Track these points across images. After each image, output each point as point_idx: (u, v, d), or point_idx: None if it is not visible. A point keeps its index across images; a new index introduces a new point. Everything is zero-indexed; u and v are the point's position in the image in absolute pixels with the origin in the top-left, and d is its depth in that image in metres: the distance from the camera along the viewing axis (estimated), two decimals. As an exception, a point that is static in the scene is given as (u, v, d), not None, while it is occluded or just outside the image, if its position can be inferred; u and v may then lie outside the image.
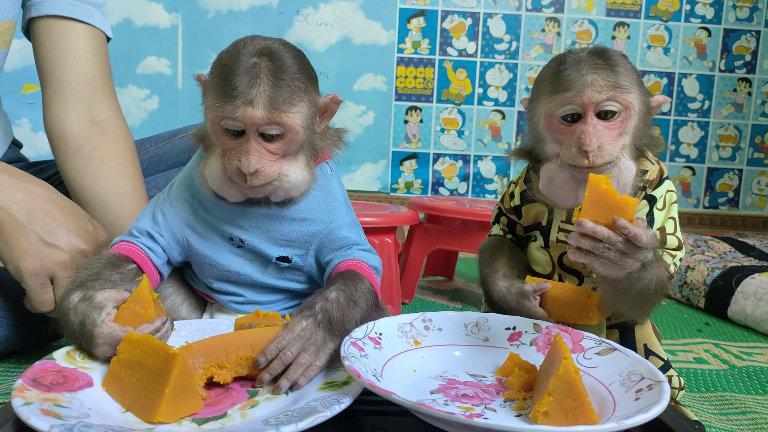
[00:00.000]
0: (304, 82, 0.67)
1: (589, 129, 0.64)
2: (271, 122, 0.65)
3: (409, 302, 1.38)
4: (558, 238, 0.75)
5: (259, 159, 0.65)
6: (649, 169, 0.71)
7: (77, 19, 0.97)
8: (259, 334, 0.63)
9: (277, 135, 0.66)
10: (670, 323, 1.32)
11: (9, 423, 0.50)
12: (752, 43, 2.52)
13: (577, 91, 0.64)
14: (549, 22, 2.49)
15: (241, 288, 0.75)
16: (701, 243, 1.69)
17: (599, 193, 0.59)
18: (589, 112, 0.65)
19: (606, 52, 0.66)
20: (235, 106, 0.63)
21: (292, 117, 0.66)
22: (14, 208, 0.77)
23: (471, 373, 0.66)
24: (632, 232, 0.58)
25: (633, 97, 0.65)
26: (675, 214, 0.72)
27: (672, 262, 0.70)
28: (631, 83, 0.65)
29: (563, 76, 0.65)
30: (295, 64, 0.67)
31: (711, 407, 0.83)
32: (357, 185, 2.53)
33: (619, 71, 0.65)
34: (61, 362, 0.59)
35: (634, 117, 0.66)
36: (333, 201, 0.75)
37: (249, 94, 0.63)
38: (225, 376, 0.61)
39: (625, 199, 0.58)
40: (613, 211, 0.59)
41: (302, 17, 2.42)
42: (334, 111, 0.73)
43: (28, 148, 1.30)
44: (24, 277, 0.77)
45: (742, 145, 2.58)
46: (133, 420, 0.53)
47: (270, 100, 0.64)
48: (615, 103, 0.64)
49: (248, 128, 0.65)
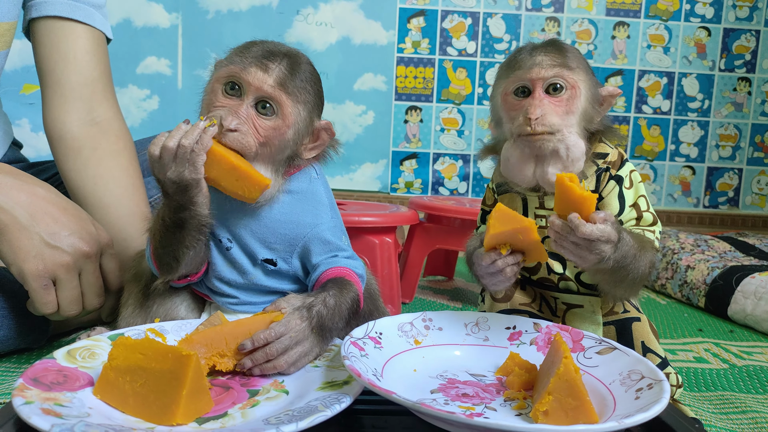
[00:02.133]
0: (312, 93, 0.70)
1: (534, 102, 0.71)
2: (272, 96, 0.66)
3: (409, 302, 1.38)
4: (538, 225, 0.76)
5: (244, 126, 0.66)
6: (609, 152, 0.75)
7: (77, 20, 0.97)
8: (257, 322, 0.64)
9: (270, 112, 0.67)
10: (670, 322, 1.32)
11: (10, 422, 0.50)
12: (752, 43, 2.52)
13: (527, 68, 0.71)
14: (549, 21, 2.49)
15: (234, 289, 0.75)
16: (701, 242, 1.69)
17: (563, 189, 0.63)
18: (537, 88, 0.71)
19: (558, 42, 0.74)
20: (249, 64, 0.66)
21: (291, 108, 0.67)
22: (17, 210, 0.77)
23: (471, 372, 0.66)
24: (574, 223, 0.62)
25: (579, 78, 0.72)
26: (643, 192, 0.76)
27: (654, 237, 0.73)
28: (578, 66, 0.72)
29: (517, 59, 0.73)
30: (311, 78, 0.71)
31: (711, 406, 0.83)
32: (357, 185, 2.53)
33: (567, 55, 0.72)
34: (62, 362, 0.59)
35: (581, 98, 0.71)
36: (318, 204, 0.75)
37: (265, 63, 0.67)
38: (227, 364, 0.62)
39: (583, 194, 0.62)
40: (573, 206, 0.63)
41: (302, 17, 2.42)
42: (324, 142, 0.74)
43: (28, 148, 1.30)
44: (27, 279, 0.77)
45: (742, 144, 2.58)
46: (133, 419, 0.53)
47: (282, 77, 0.67)
48: (561, 79, 0.71)
49: (249, 93, 0.67)
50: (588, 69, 0.74)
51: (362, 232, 1.24)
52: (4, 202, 0.76)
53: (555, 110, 0.70)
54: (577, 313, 0.78)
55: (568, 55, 0.72)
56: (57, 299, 0.80)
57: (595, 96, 0.73)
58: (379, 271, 1.23)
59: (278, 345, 0.61)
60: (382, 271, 1.24)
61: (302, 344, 0.63)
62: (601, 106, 0.75)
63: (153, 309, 0.76)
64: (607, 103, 0.75)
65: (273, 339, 0.61)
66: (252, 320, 0.64)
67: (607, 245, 0.63)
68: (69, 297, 0.80)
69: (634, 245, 0.66)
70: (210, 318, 0.67)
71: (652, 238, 0.73)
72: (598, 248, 0.63)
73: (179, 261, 0.70)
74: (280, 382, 0.62)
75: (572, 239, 0.64)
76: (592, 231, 0.62)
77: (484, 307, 0.81)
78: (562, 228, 0.64)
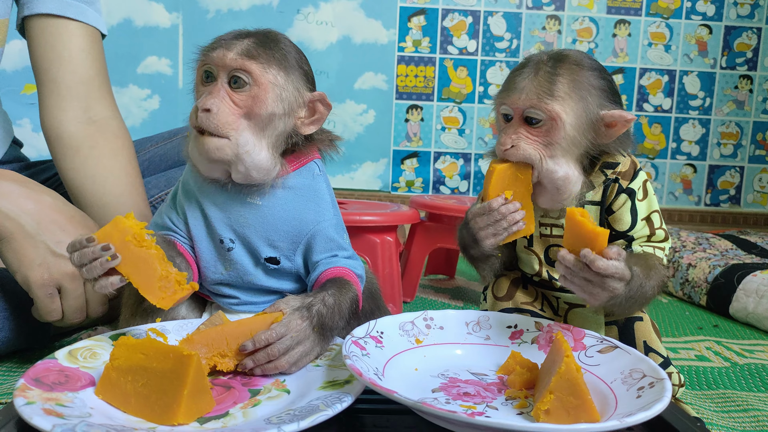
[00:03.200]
0: (289, 60, 0.70)
1: (509, 130, 0.69)
2: (239, 67, 0.66)
3: (410, 301, 1.38)
4: (542, 233, 0.76)
5: (217, 102, 0.66)
6: (620, 162, 0.73)
7: (70, 18, 0.97)
8: (257, 322, 0.64)
9: (243, 84, 0.67)
10: (671, 321, 1.31)
11: (11, 423, 0.50)
12: (753, 40, 2.52)
13: (509, 92, 0.69)
14: (550, 20, 2.48)
15: (235, 290, 0.75)
16: (703, 241, 1.69)
17: (574, 224, 0.62)
18: (516, 115, 0.69)
19: (563, 59, 0.69)
20: (214, 49, 0.67)
21: (262, 72, 0.67)
22: (24, 218, 0.77)
23: (472, 371, 0.66)
24: (589, 258, 0.60)
25: (564, 108, 0.67)
26: (657, 206, 0.74)
27: (663, 255, 0.72)
28: (567, 94, 0.67)
29: (510, 78, 0.71)
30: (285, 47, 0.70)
31: (713, 405, 0.83)
32: (358, 184, 2.53)
33: (558, 80, 0.67)
34: (63, 362, 0.59)
35: (564, 128, 0.67)
36: (320, 201, 0.74)
37: (231, 42, 0.67)
38: (228, 364, 0.62)
39: (596, 230, 0.60)
40: (585, 241, 0.61)
41: (302, 16, 2.42)
42: (323, 115, 0.72)
43: (29, 148, 1.30)
44: (32, 288, 0.77)
45: (743, 142, 2.58)
46: (135, 419, 0.53)
47: (246, 49, 0.67)
48: (538, 111, 0.67)
49: (219, 73, 0.67)
50: (585, 94, 0.68)
51: (363, 231, 1.24)
52: (11, 210, 0.76)
53: (531, 141, 0.68)
54: (579, 313, 0.78)
55: (558, 81, 0.67)
56: (62, 307, 0.80)
57: (590, 123, 0.69)
58: (380, 270, 1.23)
59: (280, 345, 0.61)
60: (384, 270, 1.24)
61: (303, 344, 0.63)
62: (610, 129, 0.69)
63: (153, 308, 0.76)
64: (620, 126, 0.69)
65: (274, 339, 0.61)
66: (253, 320, 0.64)
67: (620, 283, 0.62)
68: (74, 306, 0.80)
69: (642, 277, 0.65)
70: (211, 318, 0.67)
71: (661, 255, 0.72)
72: (611, 285, 0.61)
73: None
74: (282, 382, 0.62)
75: (585, 275, 0.62)
76: (608, 266, 0.60)
77: (486, 306, 0.81)
78: (575, 264, 0.62)
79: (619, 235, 0.73)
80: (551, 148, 0.68)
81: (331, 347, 0.68)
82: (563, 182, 0.69)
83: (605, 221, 0.74)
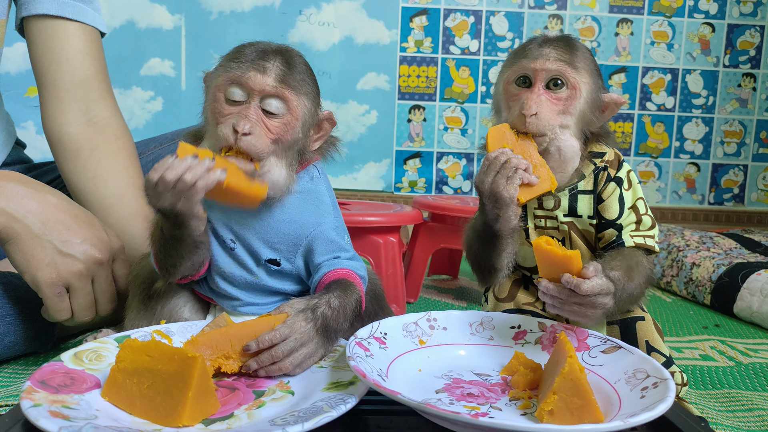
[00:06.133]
0: (311, 85, 0.71)
1: (532, 96, 0.69)
2: (276, 94, 0.67)
3: (413, 301, 1.39)
4: (536, 225, 0.76)
5: (256, 125, 0.66)
6: (606, 152, 0.74)
7: (68, 18, 0.96)
8: (261, 324, 0.64)
9: (277, 113, 0.67)
10: (675, 320, 1.31)
11: (18, 425, 0.50)
12: (756, 38, 2.51)
13: (532, 58, 0.70)
14: (552, 19, 2.48)
15: (237, 290, 0.76)
16: (706, 239, 1.68)
17: (544, 254, 0.62)
18: (538, 80, 0.70)
19: (570, 39, 0.72)
20: (246, 69, 0.66)
21: (297, 102, 0.68)
22: (30, 218, 0.77)
23: (476, 372, 0.66)
24: (573, 284, 0.60)
25: (582, 79, 0.70)
26: (641, 193, 0.75)
27: (654, 243, 0.73)
28: (584, 68, 0.70)
29: (525, 48, 0.72)
30: (306, 69, 0.71)
31: (717, 404, 0.83)
32: (361, 185, 2.53)
33: (575, 53, 0.70)
34: (69, 364, 0.59)
35: (580, 100, 0.70)
36: (320, 203, 0.75)
37: (262, 64, 0.67)
38: (232, 365, 0.63)
39: (566, 254, 0.61)
40: (560, 267, 0.62)
41: (305, 17, 2.42)
42: (327, 132, 0.75)
43: (33, 150, 1.30)
44: (41, 288, 0.77)
45: (747, 140, 2.57)
46: (140, 421, 0.53)
47: (281, 74, 0.67)
48: (563, 76, 0.69)
49: (253, 95, 0.67)
50: (594, 73, 0.72)
51: (366, 231, 1.24)
52: (17, 211, 0.77)
53: (551, 108, 0.69)
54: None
55: (576, 54, 0.70)
56: (71, 306, 0.80)
57: (596, 101, 0.72)
58: (383, 270, 1.23)
59: (283, 347, 0.62)
60: (387, 271, 1.24)
61: (307, 346, 0.63)
62: (603, 113, 0.73)
63: (157, 311, 0.77)
64: (610, 110, 0.73)
65: (278, 341, 0.62)
66: (257, 322, 0.64)
67: (607, 297, 0.63)
68: (82, 304, 0.80)
69: (624, 280, 0.65)
70: (215, 319, 0.67)
71: (652, 243, 0.73)
72: (601, 302, 0.62)
73: (177, 268, 0.70)
74: (286, 383, 0.62)
75: (573, 300, 0.62)
76: (593, 287, 0.61)
77: (488, 308, 0.81)
78: (560, 292, 0.62)
79: (609, 224, 0.74)
80: (565, 117, 0.70)
81: (335, 348, 0.68)
82: (571, 153, 0.70)
83: (596, 211, 0.74)
